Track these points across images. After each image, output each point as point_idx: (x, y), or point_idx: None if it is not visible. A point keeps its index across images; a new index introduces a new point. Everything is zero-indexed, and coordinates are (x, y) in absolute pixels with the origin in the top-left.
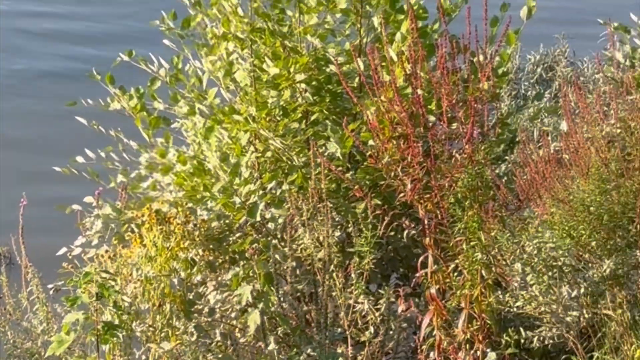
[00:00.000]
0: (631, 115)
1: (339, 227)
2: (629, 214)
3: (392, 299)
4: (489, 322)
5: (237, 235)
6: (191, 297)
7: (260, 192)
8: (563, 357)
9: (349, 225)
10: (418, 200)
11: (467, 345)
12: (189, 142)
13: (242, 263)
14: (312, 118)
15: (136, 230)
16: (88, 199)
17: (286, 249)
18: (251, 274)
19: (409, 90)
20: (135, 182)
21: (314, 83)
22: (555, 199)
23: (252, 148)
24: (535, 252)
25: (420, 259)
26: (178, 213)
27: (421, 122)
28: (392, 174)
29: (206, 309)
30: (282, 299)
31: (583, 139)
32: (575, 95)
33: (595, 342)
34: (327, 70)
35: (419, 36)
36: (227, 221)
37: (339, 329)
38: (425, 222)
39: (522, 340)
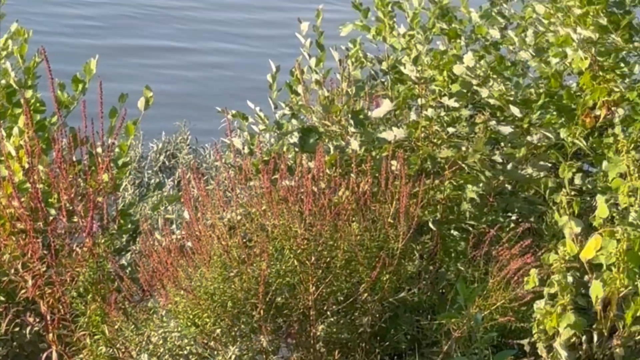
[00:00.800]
0: (251, 201)
1: None
2: (252, 300)
3: None
4: None
5: None
6: None
7: None
8: None
9: None
10: (40, 296)
11: None
12: None
13: None
14: None
15: None
16: None
17: None
18: None
19: (28, 185)
20: None
21: None
22: (179, 288)
23: None
24: (160, 342)
25: (45, 355)
26: None
27: (41, 216)
28: (13, 270)
29: None
30: None
31: (205, 227)
32: (196, 182)
33: None
34: None
35: (37, 130)
36: None
37: None
38: (48, 317)
39: None
